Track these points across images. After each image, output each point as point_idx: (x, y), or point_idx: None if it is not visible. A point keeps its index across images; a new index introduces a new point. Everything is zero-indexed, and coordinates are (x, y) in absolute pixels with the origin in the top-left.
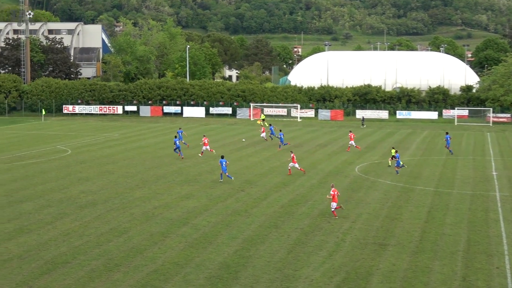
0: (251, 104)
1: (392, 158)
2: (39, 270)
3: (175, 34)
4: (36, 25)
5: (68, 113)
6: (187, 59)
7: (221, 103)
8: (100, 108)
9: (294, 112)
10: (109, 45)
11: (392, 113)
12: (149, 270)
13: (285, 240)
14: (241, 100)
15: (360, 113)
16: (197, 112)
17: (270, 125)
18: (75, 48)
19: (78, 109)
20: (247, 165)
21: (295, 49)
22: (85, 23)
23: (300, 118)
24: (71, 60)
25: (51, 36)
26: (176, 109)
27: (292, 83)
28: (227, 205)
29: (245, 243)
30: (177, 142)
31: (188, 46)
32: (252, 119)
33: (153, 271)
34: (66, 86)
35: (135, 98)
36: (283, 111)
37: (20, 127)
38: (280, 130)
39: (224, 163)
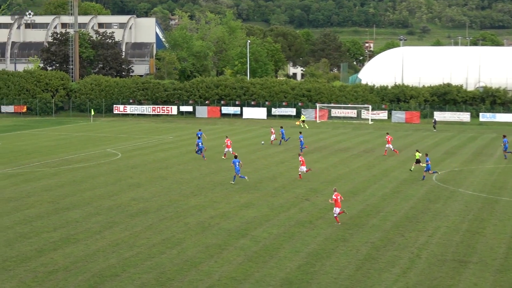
0: (317, 105)
1: (416, 163)
2: (86, 284)
3: (235, 28)
4: (86, 18)
5: (119, 114)
6: (248, 55)
7: (284, 103)
8: (153, 109)
9: (364, 114)
10: (163, 40)
11: (475, 116)
12: (205, 286)
13: (354, 255)
14: (306, 100)
15: (438, 115)
16: (258, 113)
17: (281, 127)
18: (127, 43)
19: (129, 109)
20: (313, 172)
21: (367, 44)
22: (138, 16)
23: (372, 120)
24: (123, 56)
25: (101, 30)
26: (235, 109)
27: (363, 82)
28: (290, 216)
29: (310, 258)
30: (200, 143)
31: (249, 41)
32: (318, 121)
33: (208, 286)
34: (117, 84)
35: (191, 97)
36: (353, 113)
37: (67, 128)
38: (300, 133)
39: (237, 163)
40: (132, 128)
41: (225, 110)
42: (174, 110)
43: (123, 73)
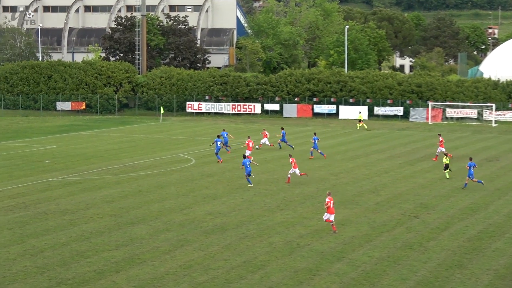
0: (429, 103)
1: (445, 169)
2: None
3: (331, 11)
4: (155, 1)
5: (193, 112)
6: (346, 43)
7: (389, 101)
8: (233, 106)
9: (487, 115)
10: (245, 25)
11: None
12: None
13: (473, 285)
14: (415, 98)
15: None
16: (357, 112)
17: (282, 128)
18: (202, 30)
19: (205, 107)
20: (423, 184)
21: (490, 30)
22: None
23: (496, 122)
24: (198, 45)
25: (173, 14)
26: (330, 108)
27: (485, 76)
28: (395, 236)
29: (419, 287)
30: (219, 143)
31: (347, 26)
32: (430, 123)
33: None
34: (191, 77)
35: (277, 94)
36: (472, 113)
37: (132, 129)
38: (315, 134)
39: (248, 163)
40: (208, 129)
41: (318, 108)
42: (257, 108)
43: (198, 64)
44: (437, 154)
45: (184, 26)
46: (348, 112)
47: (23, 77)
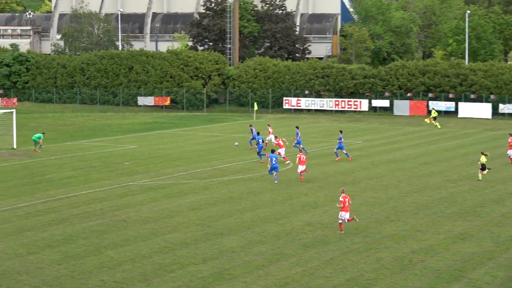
0: None
1: (481, 169)
2: None
3: None
4: None
5: (290, 109)
6: (467, 31)
7: None
8: (336, 102)
9: None
10: (351, 10)
11: None
12: None
13: None
14: None
15: None
16: (479, 110)
17: (297, 128)
18: (302, 15)
19: (304, 103)
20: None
21: None
22: None
23: None
24: (297, 32)
25: None
26: (448, 105)
27: None
28: None
29: None
30: (261, 141)
31: (468, 11)
32: None
33: None
34: (289, 69)
35: (387, 88)
36: None
37: (222, 127)
38: (341, 132)
39: (274, 159)
40: (308, 128)
41: (434, 105)
42: (364, 105)
43: (297, 54)
44: (510, 157)
45: (281, 11)
46: (468, 109)
47: (101, 68)
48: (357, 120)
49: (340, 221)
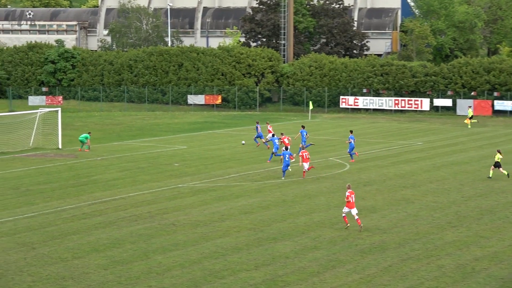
0: None
1: (495, 166)
2: None
3: None
4: None
5: (347, 108)
6: None
7: None
8: (396, 102)
9: None
10: (412, 4)
11: None
12: None
13: None
14: None
15: None
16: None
17: (303, 127)
18: (360, 10)
19: (362, 102)
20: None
21: None
22: None
23: None
24: (354, 28)
25: None
26: None
27: None
28: None
29: None
30: (276, 141)
31: None
32: None
33: None
34: (346, 67)
35: (450, 87)
36: None
37: (276, 127)
38: (351, 132)
39: (288, 156)
40: (366, 128)
41: (499, 105)
42: (425, 104)
43: (355, 51)
44: None
45: (338, 6)
46: None
47: (149, 65)
48: (417, 120)
49: (344, 214)
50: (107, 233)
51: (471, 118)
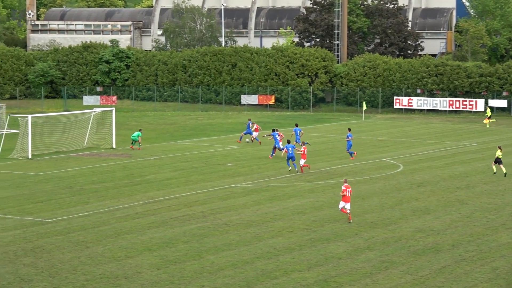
0: None
1: (495, 162)
2: None
3: None
4: None
5: (401, 109)
6: None
7: None
8: (450, 102)
9: None
10: (467, 4)
11: None
12: None
13: None
14: None
15: None
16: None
17: (296, 125)
18: (414, 10)
19: (416, 102)
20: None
21: None
22: None
23: None
24: (409, 28)
25: None
26: None
27: None
28: None
29: None
30: (277, 137)
31: None
32: None
33: None
34: (400, 67)
35: (505, 87)
36: None
37: (329, 128)
38: (349, 130)
39: (291, 149)
40: (420, 129)
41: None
42: (480, 105)
43: (409, 51)
44: None
45: (392, 6)
46: None
47: (203, 65)
48: (472, 120)
49: (341, 208)
50: (160, 232)
51: (489, 117)
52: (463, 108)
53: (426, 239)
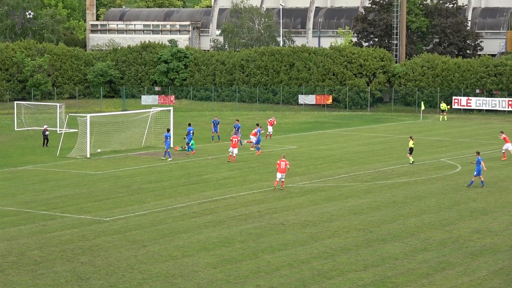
0: None
1: (410, 153)
2: None
3: None
4: None
5: (460, 109)
6: None
7: None
8: (510, 102)
9: None
10: None
11: None
12: None
13: None
14: None
15: None
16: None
17: (258, 125)
18: (474, 9)
19: (475, 102)
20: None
21: None
22: None
23: None
24: (468, 28)
25: None
26: None
27: None
28: None
29: None
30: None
31: None
32: None
33: None
34: (459, 67)
35: None
36: None
37: (387, 128)
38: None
39: (167, 137)
40: (479, 129)
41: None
42: None
43: (468, 51)
44: (503, 151)
45: (452, 5)
46: None
47: (261, 65)
48: None
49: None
50: (216, 231)
51: (443, 111)
52: None
53: (483, 240)
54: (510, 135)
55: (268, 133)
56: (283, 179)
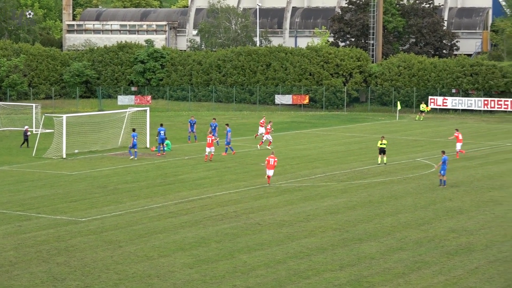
0: None
1: (380, 153)
2: None
3: None
4: None
5: (436, 108)
6: None
7: None
8: (485, 102)
9: None
10: (503, 3)
11: None
12: None
13: None
14: None
15: None
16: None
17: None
18: (450, 9)
19: (450, 102)
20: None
21: None
22: None
23: None
24: (444, 28)
25: None
26: None
27: None
28: None
29: None
30: (162, 133)
31: None
32: None
33: None
34: (435, 67)
35: None
36: None
37: (363, 127)
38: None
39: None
40: (454, 129)
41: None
42: None
43: (444, 51)
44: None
45: (428, 5)
46: None
47: (238, 65)
48: (507, 121)
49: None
50: (193, 232)
51: (422, 112)
52: (498, 108)
53: (459, 239)
54: (483, 135)
55: (260, 134)
56: (270, 175)
